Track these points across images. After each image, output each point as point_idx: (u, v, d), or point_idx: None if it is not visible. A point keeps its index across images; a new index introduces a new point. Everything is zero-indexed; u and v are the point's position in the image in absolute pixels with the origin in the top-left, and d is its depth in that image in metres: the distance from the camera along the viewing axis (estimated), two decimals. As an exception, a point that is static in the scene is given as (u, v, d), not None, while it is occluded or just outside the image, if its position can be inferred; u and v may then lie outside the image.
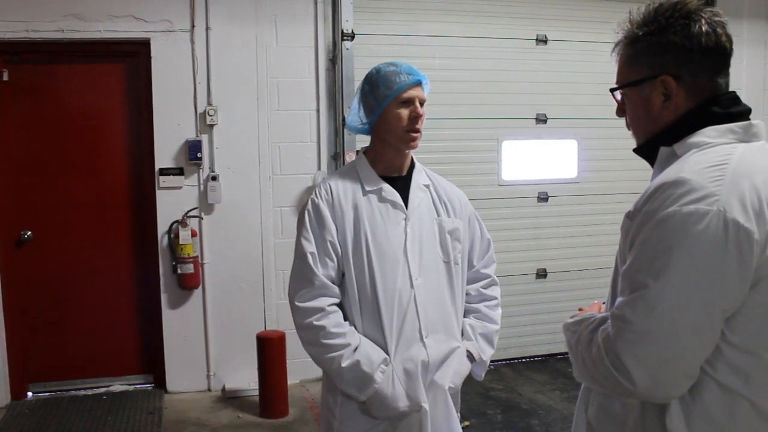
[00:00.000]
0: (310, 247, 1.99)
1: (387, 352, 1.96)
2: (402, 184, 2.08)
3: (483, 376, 2.18)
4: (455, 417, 2.14)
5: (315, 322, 1.94)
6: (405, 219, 2.04)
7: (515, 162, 5.20)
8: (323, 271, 1.97)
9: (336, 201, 2.02)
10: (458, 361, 2.08)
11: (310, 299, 1.96)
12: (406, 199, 2.06)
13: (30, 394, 4.61)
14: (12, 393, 4.51)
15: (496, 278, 2.26)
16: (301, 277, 1.99)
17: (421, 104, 2.02)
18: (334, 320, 1.95)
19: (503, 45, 5.08)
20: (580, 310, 1.54)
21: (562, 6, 5.17)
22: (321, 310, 1.95)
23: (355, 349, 1.94)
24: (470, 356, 2.11)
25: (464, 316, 2.17)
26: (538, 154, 5.28)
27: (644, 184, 1.31)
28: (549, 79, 5.19)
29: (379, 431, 2.00)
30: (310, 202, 2.05)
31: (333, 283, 1.99)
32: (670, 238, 1.17)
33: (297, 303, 1.98)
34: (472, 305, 2.19)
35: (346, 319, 2.00)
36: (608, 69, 1.55)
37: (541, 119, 5.24)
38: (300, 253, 2.00)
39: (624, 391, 1.23)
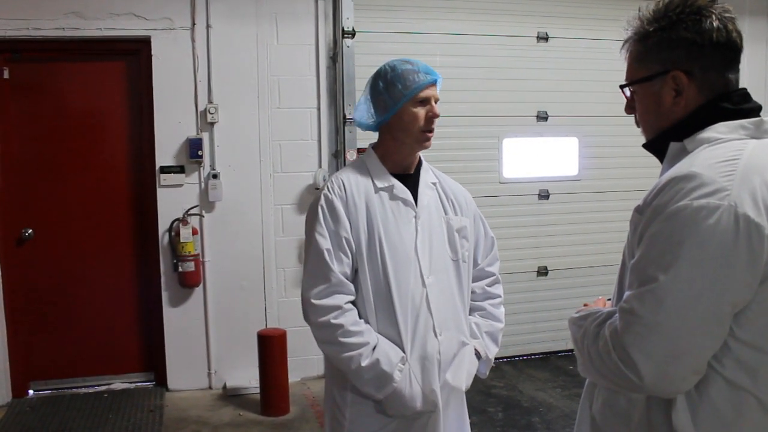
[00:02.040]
0: (325, 243, 1.94)
1: (403, 350, 1.95)
2: (410, 181, 2.07)
3: (487, 374, 2.18)
4: (467, 419, 2.15)
5: (333, 320, 1.90)
6: (415, 217, 2.03)
7: (516, 159, 5.20)
8: (339, 268, 1.93)
9: (349, 196, 1.99)
10: (469, 360, 2.08)
11: (327, 296, 1.92)
12: (415, 197, 2.05)
13: (31, 392, 4.61)
14: (13, 391, 4.51)
15: (499, 277, 2.27)
16: (317, 274, 1.94)
17: (435, 103, 2.01)
18: (351, 318, 1.92)
19: (504, 42, 5.08)
20: (585, 305, 1.53)
21: (563, 3, 5.17)
22: (338, 308, 1.91)
23: (374, 347, 1.91)
24: (477, 354, 2.11)
25: (470, 314, 2.16)
26: (539, 152, 5.28)
27: (645, 181, 1.31)
28: (550, 77, 5.18)
29: (390, 430, 1.99)
30: (323, 197, 2.00)
31: (348, 279, 1.96)
32: (680, 231, 1.17)
33: (313, 300, 1.93)
34: (477, 303, 2.19)
35: (360, 317, 1.97)
36: (610, 67, 1.56)
37: (542, 117, 5.23)
38: (315, 249, 1.95)
39: (631, 386, 1.23)
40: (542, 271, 5.33)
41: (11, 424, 4.12)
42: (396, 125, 2.00)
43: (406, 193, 2.03)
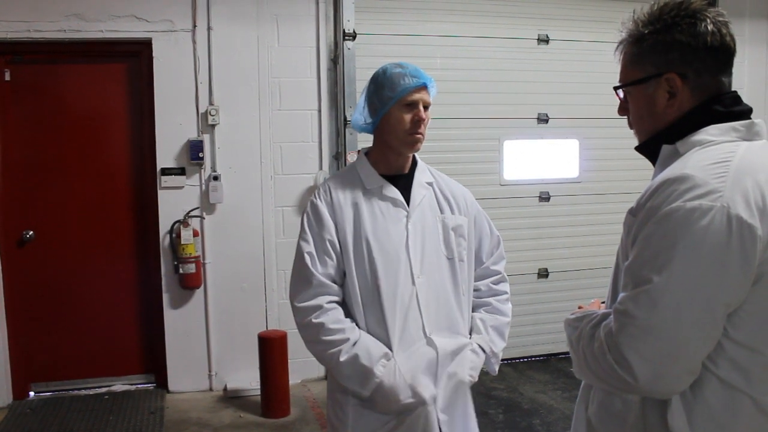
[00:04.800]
0: (307, 247, 2.00)
1: (391, 349, 1.96)
2: (404, 182, 2.08)
3: (497, 369, 2.16)
4: (473, 415, 2.14)
5: (314, 320, 1.94)
6: (406, 216, 2.04)
7: (517, 162, 5.20)
8: (322, 270, 1.98)
9: (335, 200, 2.03)
10: (471, 353, 2.06)
11: (309, 299, 1.97)
12: (408, 197, 2.06)
13: (32, 393, 4.62)
14: (14, 393, 4.51)
15: (505, 275, 2.26)
16: (300, 278, 2.00)
17: (426, 108, 2.02)
18: (332, 317, 1.95)
19: (505, 45, 5.08)
20: (579, 307, 1.54)
21: (564, 6, 5.17)
22: (319, 307, 1.95)
23: (354, 343, 1.94)
24: (483, 350, 2.10)
25: (474, 311, 2.16)
26: (540, 154, 5.28)
27: (646, 183, 1.31)
28: (551, 79, 5.19)
29: (390, 428, 1.99)
30: (309, 203, 2.06)
31: (333, 281, 1.99)
32: (673, 233, 1.18)
33: (296, 303, 1.99)
34: (482, 300, 2.19)
35: (348, 316, 1.99)
36: (610, 69, 1.56)
37: (543, 119, 5.24)
38: (298, 254, 2.02)
39: (625, 387, 1.23)
40: (543, 273, 5.33)
41: (12, 426, 4.12)
42: (384, 128, 2.03)
43: (395, 193, 2.05)
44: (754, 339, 1.20)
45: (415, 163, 2.14)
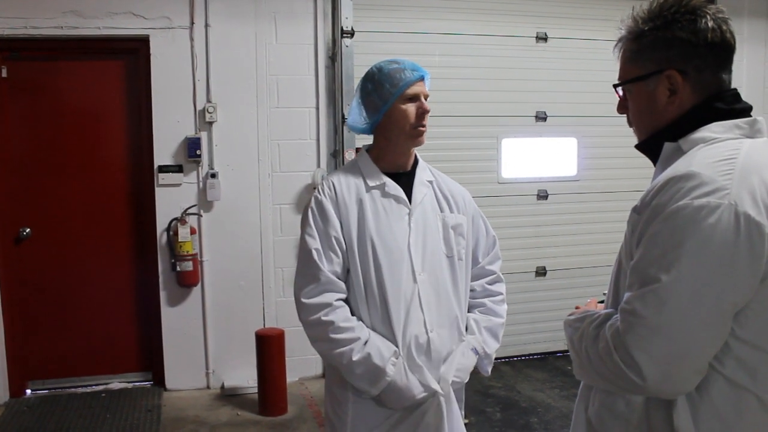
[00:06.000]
0: (314, 243, 1.98)
1: (396, 346, 1.96)
2: (405, 180, 2.08)
3: (490, 370, 2.17)
4: (458, 411, 2.14)
5: (323, 318, 1.93)
6: (408, 214, 2.04)
7: (515, 160, 5.20)
8: (328, 267, 1.96)
9: (339, 196, 2.02)
10: (461, 354, 2.07)
11: (317, 295, 1.95)
12: (409, 195, 2.06)
13: (29, 391, 4.60)
14: (11, 390, 4.50)
15: (501, 275, 2.26)
16: (307, 274, 1.98)
17: (425, 99, 2.03)
18: (342, 315, 1.94)
19: (503, 42, 5.08)
20: (577, 308, 1.53)
21: (562, 4, 5.17)
22: (328, 305, 1.94)
23: (365, 342, 1.93)
24: (475, 351, 2.11)
25: (469, 311, 2.16)
26: (538, 152, 5.28)
27: (644, 181, 1.30)
28: (549, 77, 5.18)
29: (393, 421, 1.99)
30: (313, 199, 2.05)
31: (338, 278, 1.98)
32: (681, 231, 1.17)
33: (303, 300, 1.96)
34: (477, 300, 2.19)
35: (352, 314, 1.99)
36: (608, 67, 1.55)
37: (541, 117, 5.23)
38: (305, 250, 1.99)
39: (632, 387, 1.22)
40: (541, 272, 5.33)
41: (9, 424, 4.11)
42: (388, 124, 2.02)
43: (398, 191, 2.04)
44: (760, 338, 1.20)
45: (416, 161, 2.14)
